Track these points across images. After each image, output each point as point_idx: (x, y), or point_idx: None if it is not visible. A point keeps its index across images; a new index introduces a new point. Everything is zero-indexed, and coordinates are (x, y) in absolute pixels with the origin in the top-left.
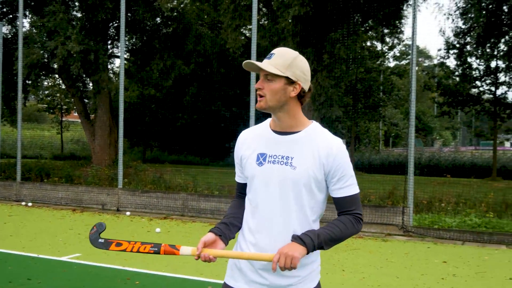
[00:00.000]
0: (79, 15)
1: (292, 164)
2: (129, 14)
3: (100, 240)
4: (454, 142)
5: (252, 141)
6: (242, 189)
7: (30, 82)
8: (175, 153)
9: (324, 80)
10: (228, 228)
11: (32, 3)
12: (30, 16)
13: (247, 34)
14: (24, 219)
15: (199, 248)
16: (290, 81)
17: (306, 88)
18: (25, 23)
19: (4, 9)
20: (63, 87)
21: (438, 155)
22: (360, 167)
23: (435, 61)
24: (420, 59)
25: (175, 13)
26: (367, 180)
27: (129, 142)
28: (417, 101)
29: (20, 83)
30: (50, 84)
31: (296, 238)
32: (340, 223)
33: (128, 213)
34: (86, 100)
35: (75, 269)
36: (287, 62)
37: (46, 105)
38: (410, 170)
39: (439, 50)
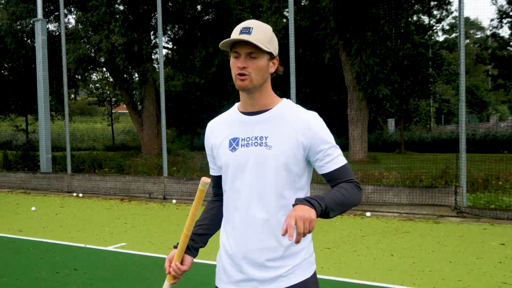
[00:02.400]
0: (121, 7)
1: (267, 144)
2: (169, 4)
3: None
4: None
5: (221, 128)
6: (218, 183)
7: (79, 76)
8: None
9: (369, 59)
10: (194, 241)
11: None
12: (75, 12)
13: (288, 16)
14: (74, 210)
15: (167, 267)
16: (271, 56)
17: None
18: (70, 19)
19: (51, 7)
20: (111, 79)
21: (494, 130)
22: (410, 146)
23: (488, 32)
24: (471, 31)
25: (214, 0)
26: (418, 159)
27: (177, 130)
28: (470, 75)
29: (65, 78)
30: (98, 77)
31: (302, 201)
32: (341, 188)
33: (174, 201)
34: (133, 91)
35: (120, 259)
36: (268, 36)
37: (96, 98)
38: (462, 147)
39: (492, 20)
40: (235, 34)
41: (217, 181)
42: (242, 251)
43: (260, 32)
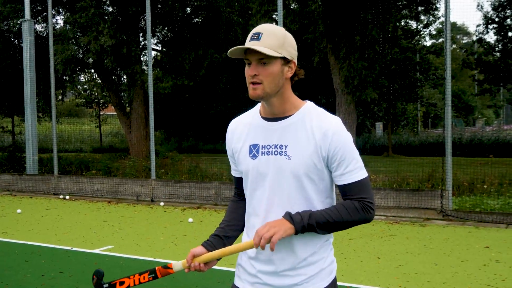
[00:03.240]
0: (110, 9)
1: (286, 153)
2: (159, 6)
3: (105, 286)
4: (497, 120)
5: (242, 132)
6: (239, 184)
7: (66, 78)
8: (210, 142)
9: (357, 62)
10: (221, 241)
11: (64, 0)
12: (63, 12)
13: (277, 19)
14: (61, 212)
15: (189, 260)
16: (286, 61)
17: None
18: (58, 20)
19: (39, 7)
20: (99, 81)
21: (480, 134)
22: (398, 150)
23: (474, 38)
24: (458, 36)
25: (204, 2)
26: (405, 162)
27: (165, 132)
28: (456, 79)
29: (53, 79)
30: (86, 79)
31: (285, 215)
32: (341, 206)
33: (162, 203)
34: (122, 93)
35: (106, 262)
36: (281, 40)
37: (84, 100)
38: (448, 151)
39: (478, 25)
40: (247, 41)
41: (238, 182)
42: (260, 258)
43: (270, 37)
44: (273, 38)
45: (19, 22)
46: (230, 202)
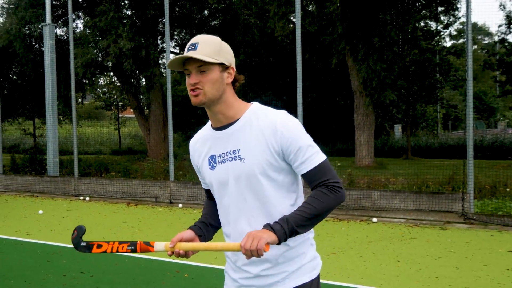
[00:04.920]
0: (129, 12)
1: (240, 156)
2: (177, 9)
3: (82, 244)
4: None
5: (200, 147)
6: (208, 195)
7: (86, 81)
8: None
9: (376, 64)
10: (207, 229)
11: (84, 4)
12: (83, 16)
13: (295, 21)
14: (81, 213)
15: (174, 242)
16: (224, 67)
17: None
18: (78, 24)
19: (60, 12)
20: (118, 84)
21: (502, 136)
22: (417, 152)
23: (496, 38)
24: (479, 37)
25: (222, 5)
26: (425, 165)
27: (184, 135)
28: (478, 81)
29: (73, 82)
30: (105, 82)
31: (265, 226)
32: (310, 199)
33: (180, 205)
34: (140, 96)
35: (126, 262)
36: (217, 48)
37: (103, 103)
38: (469, 153)
39: (500, 26)
40: (184, 53)
41: (208, 194)
42: (238, 263)
43: (206, 46)
44: (208, 46)
45: (40, 26)
46: (205, 200)
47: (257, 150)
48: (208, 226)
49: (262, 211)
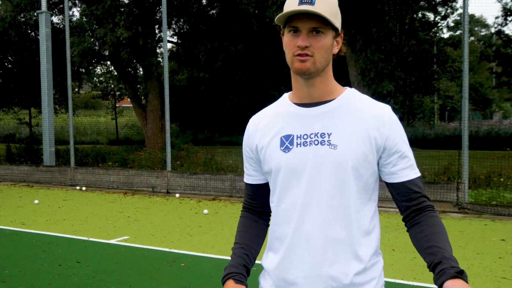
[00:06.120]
0: (126, 1)
1: (330, 142)
2: None
3: None
4: None
5: (269, 124)
6: (255, 193)
7: (83, 70)
8: (226, 134)
9: (373, 55)
10: (248, 269)
11: None
12: (79, 4)
13: None
14: (78, 203)
15: None
16: (336, 34)
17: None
18: (75, 12)
19: None
20: (115, 73)
21: (497, 127)
22: (413, 143)
23: (493, 30)
24: (476, 28)
25: None
26: (421, 155)
27: (181, 125)
28: (474, 72)
29: (69, 71)
30: (102, 71)
31: (453, 275)
32: (437, 227)
33: (177, 195)
34: (137, 86)
35: (122, 252)
36: (334, 8)
37: (100, 92)
38: (464, 144)
39: (497, 17)
40: (293, 4)
41: (254, 191)
42: (303, 275)
43: (325, 2)
44: (327, 4)
45: (35, 14)
46: (242, 219)
47: (354, 139)
48: (250, 265)
49: (341, 215)
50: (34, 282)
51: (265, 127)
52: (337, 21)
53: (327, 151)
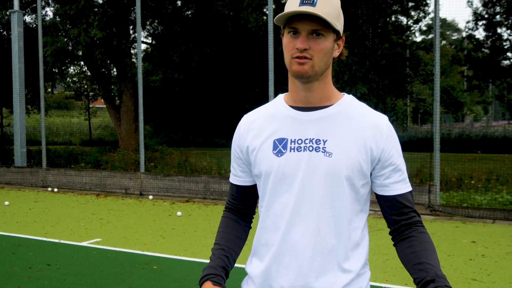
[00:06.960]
0: (100, 1)
1: (326, 149)
2: None
3: None
4: (486, 116)
5: (262, 125)
6: (239, 194)
7: (56, 70)
8: (200, 136)
9: (347, 58)
10: (227, 271)
11: None
12: (53, 4)
13: (268, 13)
14: (49, 205)
15: None
16: (337, 37)
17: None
18: (48, 12)
19: None
20: (89, 73)
21: (468, 130)
22: None
23: (464, 34)
24: (448, 32)
25: None
26: None
27: (155, 126)
28: (446, 75)
29: (42, 71)
30: (76, 71)
31: None
32: (426, 244)
33: (150, 197)
34: (111, 86)
35: (94, 254)
36: (337, 10)
37: (73, 92)
38: (436, 146)
39: (468, 22)
40: (294, 5)
41: (240, 193)
42: (288, 285)
43: (327, 4)
44: (330, 6)
45: (8, 13)
46: (224, 220)
47: (350, 148)
48: (229, 267)
49: (332, 225)
50: (4, 285)
51: (258, 128)
52: (338, 24)
53: (322, 159)
